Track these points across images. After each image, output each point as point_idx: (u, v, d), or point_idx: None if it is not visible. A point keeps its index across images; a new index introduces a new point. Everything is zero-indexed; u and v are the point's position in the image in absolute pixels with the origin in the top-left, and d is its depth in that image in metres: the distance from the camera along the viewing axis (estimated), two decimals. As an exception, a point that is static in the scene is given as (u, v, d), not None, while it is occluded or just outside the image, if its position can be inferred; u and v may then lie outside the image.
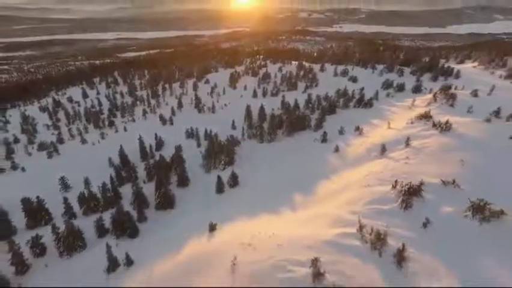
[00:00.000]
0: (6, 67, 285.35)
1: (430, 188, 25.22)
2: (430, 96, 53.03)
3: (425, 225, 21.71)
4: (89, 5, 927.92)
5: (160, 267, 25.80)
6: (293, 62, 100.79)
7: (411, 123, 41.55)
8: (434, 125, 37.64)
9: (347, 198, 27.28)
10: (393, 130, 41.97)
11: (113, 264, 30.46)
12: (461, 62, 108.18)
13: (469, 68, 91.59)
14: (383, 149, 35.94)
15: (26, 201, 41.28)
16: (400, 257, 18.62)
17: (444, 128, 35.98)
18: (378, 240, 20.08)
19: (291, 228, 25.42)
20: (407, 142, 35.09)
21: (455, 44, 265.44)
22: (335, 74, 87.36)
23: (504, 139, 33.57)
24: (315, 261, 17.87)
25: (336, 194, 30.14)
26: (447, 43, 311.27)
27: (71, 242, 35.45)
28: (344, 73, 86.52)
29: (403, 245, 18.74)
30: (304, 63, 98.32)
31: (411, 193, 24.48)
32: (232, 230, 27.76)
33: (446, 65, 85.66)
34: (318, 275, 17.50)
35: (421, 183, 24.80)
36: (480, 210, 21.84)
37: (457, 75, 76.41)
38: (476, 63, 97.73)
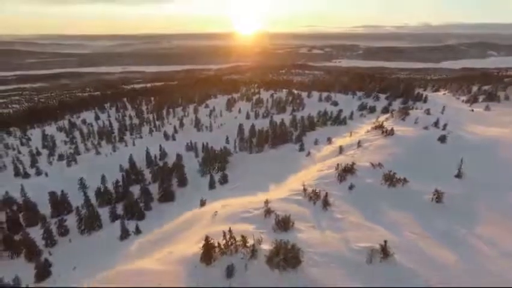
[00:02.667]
0: (17, 97, 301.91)
1: (362, 168, 34.50)
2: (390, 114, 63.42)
3: (350, 188, 30.79)
4: (99, 40, 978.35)
5: (162, 230, 34.57)
6: (284, 90, 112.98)
7: (368, 132, 51.45)
8: (383, 132, 47.48)
9: (304, 179, 36.38)
10: (354, 138, 51.70)
11: (125, 234, 39.05)
12: (437, 90, 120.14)
13: (439, 94, 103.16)
14: (341, 150, 45.53)
15: (52, 194, 50.37)
16: (325, 203, 27.63)
17: (388, 133, 45.79)
18: (315, 196, 29.15)
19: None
20: (359, 144, 44.73)
21: (447, 77, 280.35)
22: (320, 100, 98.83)
23: (432, 140, 43.32)
24: (266, 203, 26.98)
25: (298, 178, 39.34)
26: (440, 76, 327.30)
27: (91, 223, 44.19)
28: (328, 98, 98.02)
29: (326, 193, 27.90)
30: (294, 90, 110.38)
31: (346, 171, 33.74)
32: (217, 203, 36.69)
33: (420, 92, 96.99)
34: (268, 212, 26.44)
35: (353, 164, 34.20)
36: (389, 178, 31.08)
37: (425, 100, 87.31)
38: (447, 91, 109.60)
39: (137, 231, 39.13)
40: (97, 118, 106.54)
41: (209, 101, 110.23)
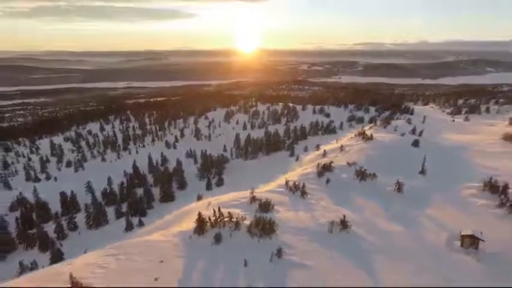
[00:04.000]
0: (22, 112, 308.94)
1: (339, 167, 39.34)
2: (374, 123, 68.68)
3: (327, 182, 35.53)
4: (103, 56, 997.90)
5: (163, 220, 39.07)
6: (280, 103, 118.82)
7: (351, 138, 56.50)
8: (363, 138, 52.52)
9: (290, 176, 41.13)
10: (338, 144, 56.64)
11: (129, 226, 43.53)
12: (426, 103, 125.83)
13: (427, 108, 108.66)
14: (325, 154, 50.36)
15: (62, 195, 55.04)
16: (303, 192, 32.36)
17: (368, 139, 50.83)
18: (295, 188, 33.87)
19: (249, 192, 39.12)
20: (341, 148, 49.67)
21: (441, 92, 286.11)
22: (314, 112, 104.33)
23: (407, 144, 48.34)
24: (252, 193, 31.74)
25: (285, 177, 44.09)
26: (437, 92, 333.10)
27: (98, 219, 48.69)
28: (321, 111, 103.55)
29: (303, 184, 32.69)
30: (289, 103, 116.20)
31: (324, 168, 38.56)
32: (212, 198, 41.31)
33: (407, 105, 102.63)
34: (253, 199, 31.14)
35: (331, 163, 39.09)
36: (361, 174, 35.88)
37: (411, 112, 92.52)
38: (434, 104, 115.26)
39: (141, 224, 43.60)
40: (102, 129, 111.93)
41: (209, 113, 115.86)
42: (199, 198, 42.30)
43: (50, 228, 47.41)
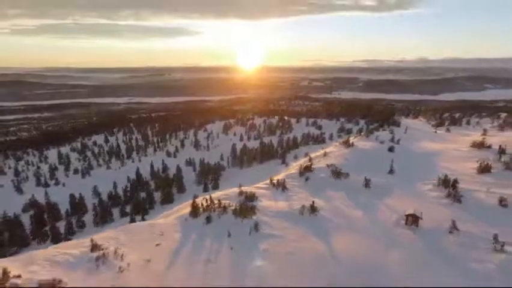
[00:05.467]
0: (26, 126, 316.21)
1: (319, 168, 44.69)
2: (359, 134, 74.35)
3: (306, 179, 40.83)
4: (106, 72, 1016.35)
5: (163, 215, 44.11)
6: (276, 116, 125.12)
7: (336, 146, 61.99)
8: (346, 145, 58.07)
9: (277, 176, 46.43)
10: (324, 151, 62.18)
11: (133, 222, 48.44)
12: (415, 117, 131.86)
13: (415, 121, 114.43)
14: (310, 159, 55.58)
15: (71, 197, 60.21)
16: (284, 187, 37.65)
17: (350, 146, 56.38)
18: (278, 184, 39.15)
19: (240, 190, 44.32)
20: (325, 154, 55.07)
21: (438, 107, 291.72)
22: (307, 124, 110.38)
23: (383, 150, 53.81)
24: (240, 187, 37.06)
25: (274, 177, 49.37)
26: (435, 107, 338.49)
27: (104, 217, 53.73)
28: (314, 123, 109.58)
29: (284, 180, 38.02)
30: (285, 117, 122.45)
31: (305, 169, 43.92)
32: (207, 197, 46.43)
33: (395, 118, 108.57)
34: (241, 193, 36.42)
35: (311, 164, 44.50)
36: (336, 173, 41.22)
37: (399, 124, 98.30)
38: (423, 118, 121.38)
39: (143, 219, 48.62)
40: (106, 141, 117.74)
41: (208, 126, 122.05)
42: (196, 197, 47.26)
43: (60, 226, 52.41)
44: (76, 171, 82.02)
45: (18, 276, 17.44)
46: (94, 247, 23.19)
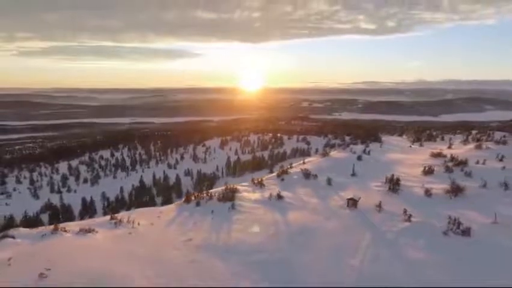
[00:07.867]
0: (31, 144, 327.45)
1: (294, 172, 53.62)
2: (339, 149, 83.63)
3: (282, 180, 49.70)
4: (110, 93, 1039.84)
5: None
6: (269, 134, 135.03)
7: (315, 156, 71.11)
8: (323, 156, 67.21)
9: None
10: (303, 160, 71.14)
11: (137, 218, 57.01)
12: (400, 135, 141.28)
13: (398, 138, 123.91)
14: (291, 167, 64.79)
15: (83, 200, 68.93)
16: (261, 184, 46.50)
17: (326, 156, 65.56)
18: (258, 183, 47.98)
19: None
20: (303, 162, 64.08)
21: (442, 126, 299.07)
22: (297, 141, 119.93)
23: (353, 159, 62.79)
24: (225, 185, 45.99)
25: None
26: (432, 128, 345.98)
27: (112, 215, 62.20)
28: (304, 140, 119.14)
29: (261, 179, 46.90)
30: (278, 134, 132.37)
31: (283, 172, 52.87)
32: (201, 195, 55.06)
33: (378, 135, 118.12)
34: (226, 188, 45.26)
35: (287, 169, 53.53)
36: (306, 174, 50.15)
37: (380, 140, 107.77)
38: (405, 135, 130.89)
39: (146, 216, 57.11)
40: (112, 155, 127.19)
41: (206, 142, 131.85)
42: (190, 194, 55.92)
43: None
44: (85, 181, 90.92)
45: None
46: (112, 217, 32.01)
